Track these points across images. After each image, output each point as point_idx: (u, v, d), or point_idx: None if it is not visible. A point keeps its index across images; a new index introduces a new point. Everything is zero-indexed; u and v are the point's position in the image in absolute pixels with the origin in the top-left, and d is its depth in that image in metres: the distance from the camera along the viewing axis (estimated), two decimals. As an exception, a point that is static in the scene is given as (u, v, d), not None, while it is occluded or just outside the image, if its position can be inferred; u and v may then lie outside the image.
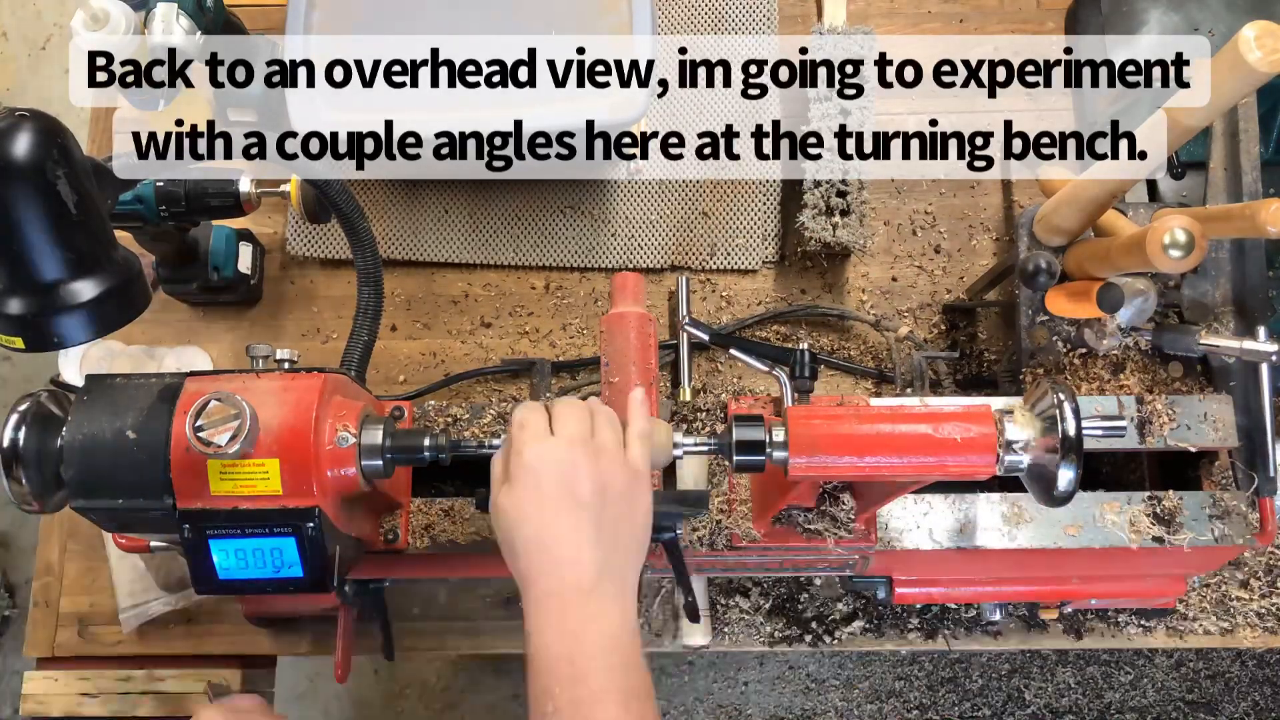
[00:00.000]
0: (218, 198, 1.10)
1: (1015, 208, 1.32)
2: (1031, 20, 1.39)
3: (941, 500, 1.00)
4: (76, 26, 1.12)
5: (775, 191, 1.33)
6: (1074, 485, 0.73)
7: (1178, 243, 0.84)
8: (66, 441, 0.79)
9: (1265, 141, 1.14)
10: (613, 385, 0.99)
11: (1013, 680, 2.09)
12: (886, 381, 1.26)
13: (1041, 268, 0.99)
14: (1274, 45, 0.75)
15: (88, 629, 1.23)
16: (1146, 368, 1.06)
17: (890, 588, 1.09)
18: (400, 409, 0.99)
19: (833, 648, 1.19)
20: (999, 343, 1.26)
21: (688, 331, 0.92)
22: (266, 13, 1.38)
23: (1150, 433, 1.01)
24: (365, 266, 0.98)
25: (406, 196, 1.34)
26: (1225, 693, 2.08)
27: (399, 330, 1.32)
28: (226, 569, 0.82)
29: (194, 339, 1.31)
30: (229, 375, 0.84)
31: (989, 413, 0.77)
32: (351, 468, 0.82)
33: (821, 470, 0.78)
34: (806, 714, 2.09)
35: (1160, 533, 0.98)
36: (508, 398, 1.28)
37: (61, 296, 0.74)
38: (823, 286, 1.32)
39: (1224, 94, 0.80)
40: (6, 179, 0.68)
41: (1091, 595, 1.10)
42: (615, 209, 1.34)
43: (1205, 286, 1.06)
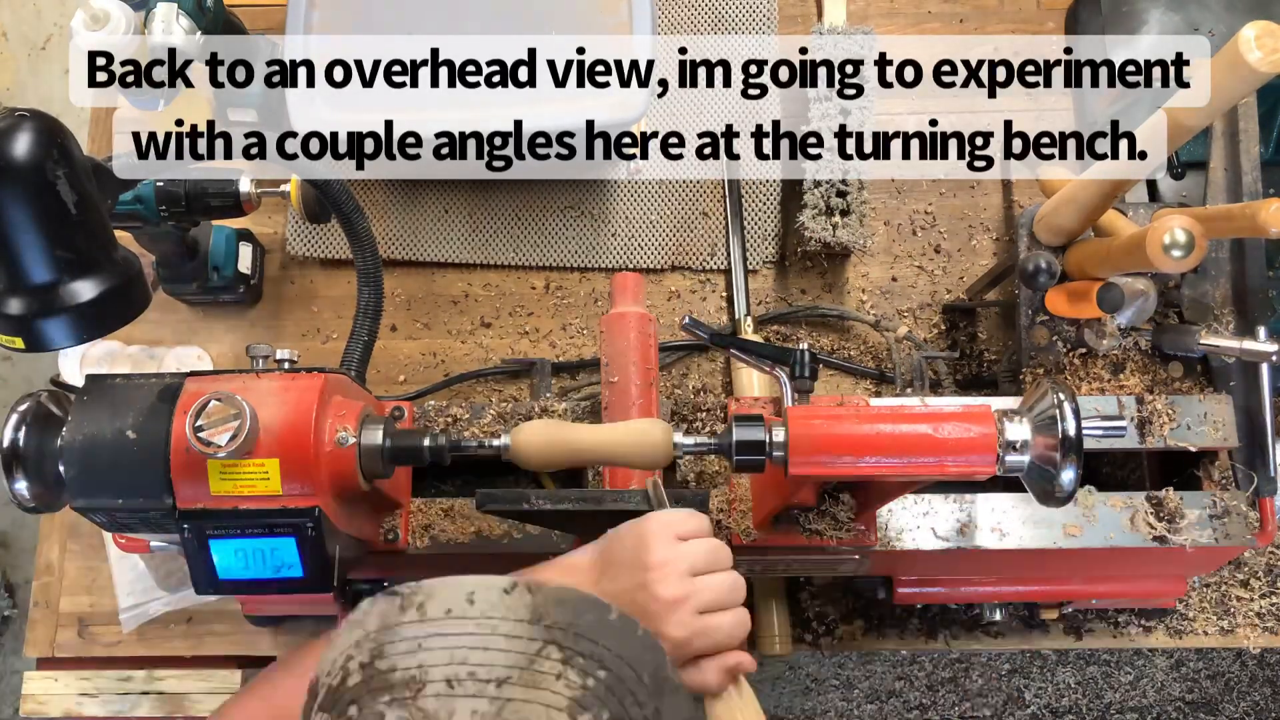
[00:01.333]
0: (218, 198, 1.10)
1: (1015, 208, 1.32)
2: (1031, 20, 1.39)
3: (941, 500, 1.00)
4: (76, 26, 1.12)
5: (775, 191, 1.33)
6: (1074, 485, 0.73)
7: (1178, 243, 0.84)
8: (66, 441, 0.79)
9: (1265, 141, 1.14)
10: (613, 385, 0.99)
11: (1013, 680, 2.09)
12: (886, 381, 1.26)
13: (1041, 268, 0.99)
14: (1274, 45, 0.75)
15: (88, 629, 1.23)
16: (1146, 368, 1.06)
17: (890, 588, 1.09)
18: (400, 409, 0.99)
19: (833, 648, 1.19)
20: (999, 343, 1.26)
21: (687, 331, 0.92)
22: (266, 13, 1.38)
23: (1150, 433, 1.01)
24: (365, 266, 0.98)
25: (406, 196, 1.34)
26: (1225, 693, 2.08)
27: (399, 330, 1.31)
28: (226, 569, 0.82)
29: (194, 339, 1.31)
30: (229, 375, 0.84)
31: (989, 413, 0.77)
32: (351, 468, 0.82)
33: (821, 470, 0.78)
34: (806, 714, 2.09)
35: (1161, 532, 0.98)
36: (508, 398, 1.28)
37: (61, 296, 0.74)
38: (823, 286, 1.32)
39: (1224, 94, 0.80)
40: (6, 179, 0.68)
41: (1092, 595, 1.10)
42: (615, 209, 1.34)
43: (1205, 286, 1.06)
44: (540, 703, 0.49)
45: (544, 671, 0.50)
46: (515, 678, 0.49)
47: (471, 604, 0.52)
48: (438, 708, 0.48)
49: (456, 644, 0.51)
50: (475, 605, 0.52)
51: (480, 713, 0.48)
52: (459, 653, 0.50)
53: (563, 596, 0.54)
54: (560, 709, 0.49)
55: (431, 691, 0.48)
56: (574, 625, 0.52)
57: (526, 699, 0.49)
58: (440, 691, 0.48)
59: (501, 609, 0.52)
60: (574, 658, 0.51)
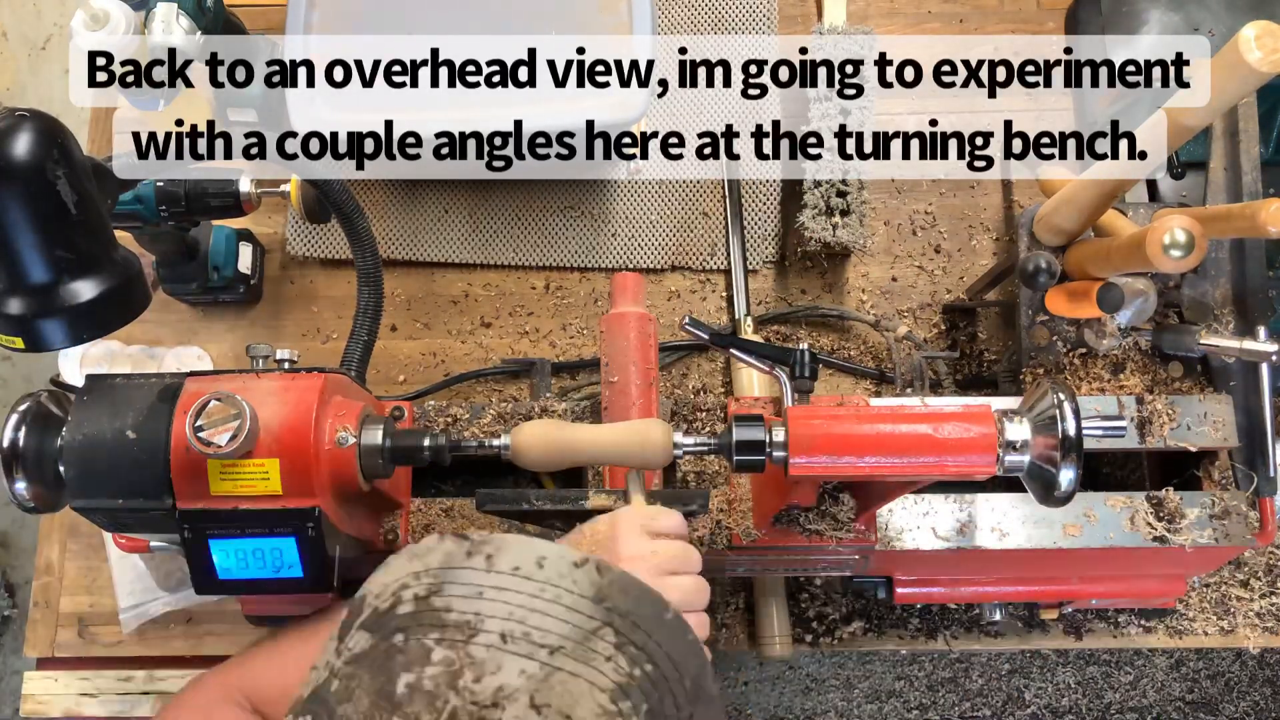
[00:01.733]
0: (217, 197, 1.10)
1: (1015, 208, 1.32)
2: (1031, 20, 1.39)
3: (941, 500, 1.00)
4: (76, 26, 1.12)
5: (775, 191, 1.33)
6: (1074, 485, 0.73)
7: (1178, 243, 0.84)
8: (66, 441, 0.79)
9: (1265, 141, 1.14)
10: (613, 385, 0.99)
11: (1013, 680, 2.09)
12: (886, 381, 1.26)
13: (1041, 268, 0.99)
14: (1274, 45, 0.75)
15: (88, 629, 1.23)
16: (1146, 368, 1.06)
17: (890, 588, 1.09)
18: (400, 409, 0.99)
19: (833, 648, 1.19)
20: (999, 343, 1.26)
21: (687, 331, 0.92)
22: (266, 13, 1.38)
23: (1150, 433, 1.01)
24: (365, 266, 0.98)
25: (406, 196, 1.34)
26: (1225, 693, 2.08)
27: (399, 330, 1.31)
28: (226, 569, 0.82)
29: (194, 339, 1.31)
30: (229, 375, 0.84)
31: (989, 413, 0.77)
32: (351, 468, 0.82)
33: (822, 470, 0.78)
34: (806, 714, 2.09)
35: (1161, 532, 0.98)
36: (508, 398, 1.28)
37: (61, 296, 0.74)
38: (823, 286, 1.32)
39: (1224, 94, 0.80)
40: (6, 179, 0.68)
41: (1092, 595, 1.10)
42: (615, 209, 1.34)
43: (1205, 286, 1.06)
44: (586, 679, 0.49)
45: (596, 651, 0.50)
46: (569, 649, 0.49)
47: (540, 568, 0.52)
48: (486, 658, 0.48)
49: (518, 601, 0.50)
50: (544, 570, 0.52)
51: (528, 674, 0.48)
52: (519, 611, 0.50)
53: (627, 584, 0.54)
54: (604, 690, 0.49)
55: (483, 641, 0.48)
56: (633, 614, 0.52)
57: (575, 672, 0.48)
58: (493, 643, 0.48)
59: (569, 580, 0.52)
60: (627, 645, 0.51)
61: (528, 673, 0.48)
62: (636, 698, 0.50)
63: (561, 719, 0.47)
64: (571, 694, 0.48)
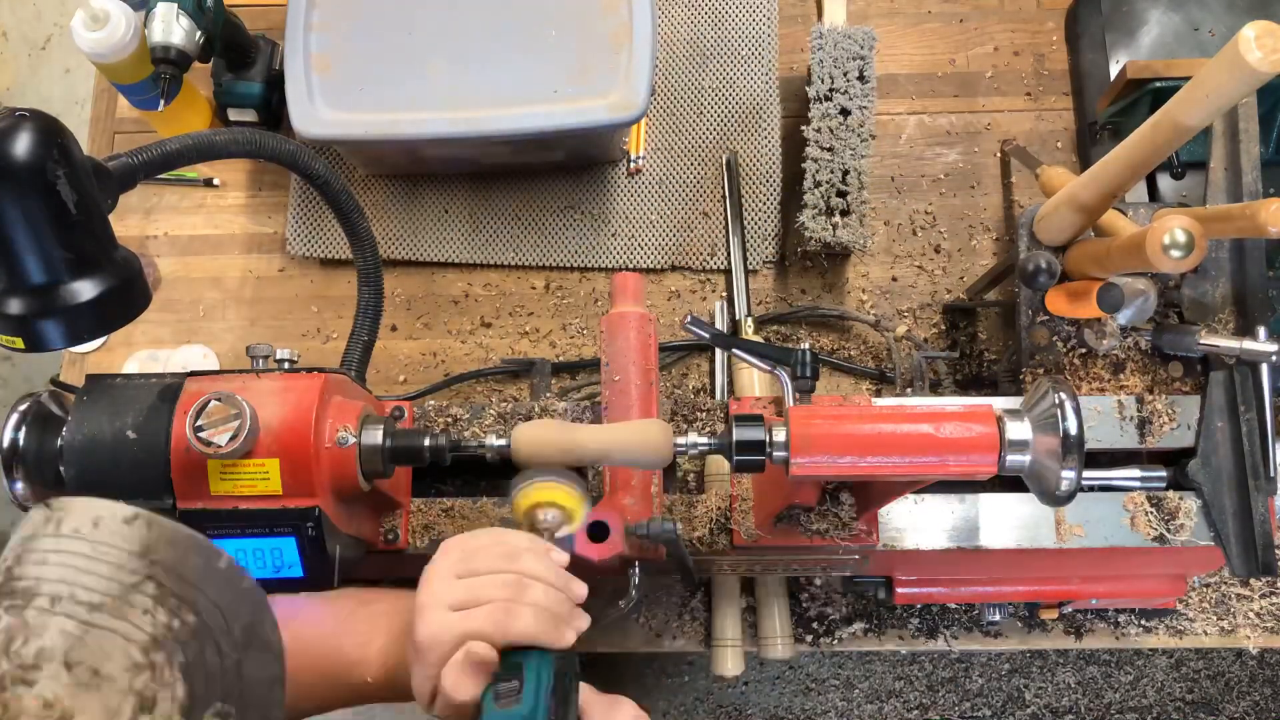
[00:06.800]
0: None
1: (1015, 208, 1.32)
2: (1031, 20, 1.40)
3: (941, 500, 1.00)
4: (76, 26, 1.13)
5: (775, 191, 1.33)
6: (1076, 485, 0.73)
7: (1178, 243, 0.84)
8: (66, 441, 0.79)
9: (1265, 141, 1.14)
10: (613, 385, 0.99)
11: (1013, 680, 2.09)
12: (887, 381, 1.26)
13: (1041, 268, 0.99)
14: (1274, 45, 0.75)
15: (87, 629, 1.23)
16: (1146, 368, 1.06)
17: (890, 588, 1.09)
18: (400, 409, 0.99)
19: (833, 648, 1.19)
20: (999, 343, 1.26)
21: (688, 330, 0.91)
22: (266, 13, 1.38)
23: (1150, 433, 1.01)
24: (365, 266, 0.98)
25: (406, 196, 1.34)
26: (1225, 693, 2.08)
27: (399, 330, 1.31)
28: (227, 569, 0.82)
29: (194, 339, 1.31)
30: (229, 375, 0.84)
31: (990, 412, 0.77)
32: (352, 468, 0.82)
33: (823, 470, 0.78)
34: (806, 714, 2.09)
35: (1161, 532, 0.98)
36: (508, 398, 1.28)
37: (61, 296, 0.73)
38: (823, 286, 1.32)
39: (1224, 94, 0.80)
40: (6, 179, 0.68)
41: (1092, 595, 1.10)
42: (615, 209, 1.34)
43: (1205, 286, 1.06)
44: (121, 634, 0.50)
45: (134, 605, 0.51)
46: (107, 605, 0.50)
47: (95, 527, 0.53)
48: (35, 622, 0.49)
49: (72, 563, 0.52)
50: (98, 529, 0.53)
51: (66, 632, 0.49)
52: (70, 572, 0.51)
53: (177, 537, 0.55)
54: (137, 644, 0.50)
55: (38, 605, 0.50)
56: (178, 567, 0.54)
57: (110, 628, 0.50)
58: (43, 606, 0.50)
59: (118, 537, 0.53)
60: (167, 597, 0.52)
61: (66, 631, 0.49)
62: (171, 648, 0.51)
63: (91, 674, 0.48)
64: (104, 649, 0.49)
